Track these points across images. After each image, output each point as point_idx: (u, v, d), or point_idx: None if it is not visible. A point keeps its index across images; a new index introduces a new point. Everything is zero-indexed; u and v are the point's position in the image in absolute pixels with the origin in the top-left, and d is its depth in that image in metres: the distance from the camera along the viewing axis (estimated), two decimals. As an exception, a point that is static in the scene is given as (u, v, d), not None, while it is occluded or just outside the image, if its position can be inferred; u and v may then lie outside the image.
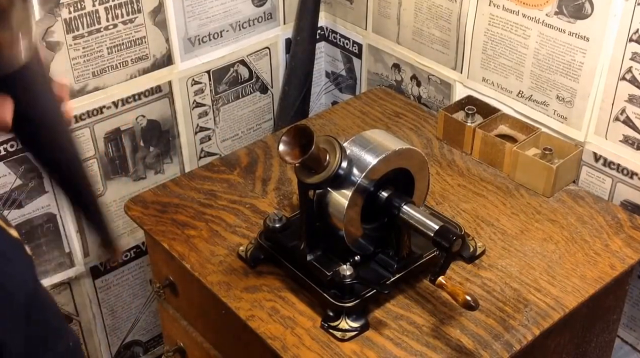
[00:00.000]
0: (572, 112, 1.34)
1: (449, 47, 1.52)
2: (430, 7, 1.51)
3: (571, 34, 1.28)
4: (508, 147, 1.36)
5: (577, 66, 1.29)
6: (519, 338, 1.06)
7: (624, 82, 1.24)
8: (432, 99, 1.61)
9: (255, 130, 1.79)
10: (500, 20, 1.39)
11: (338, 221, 1.07)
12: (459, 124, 1.43)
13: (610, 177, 1.33)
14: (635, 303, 1.38)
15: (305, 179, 1.06)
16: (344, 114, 1.58)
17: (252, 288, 1.15)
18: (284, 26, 1.72)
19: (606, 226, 1.26)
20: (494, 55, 1.43)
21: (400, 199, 1.08)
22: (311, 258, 1.12)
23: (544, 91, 1.37)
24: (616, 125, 1.28)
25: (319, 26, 1.76)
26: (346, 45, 1.77)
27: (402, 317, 1.10)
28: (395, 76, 1.67)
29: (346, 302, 1.07)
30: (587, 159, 1.35)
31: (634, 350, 1.42)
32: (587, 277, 1.16)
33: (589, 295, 1.13)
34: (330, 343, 1.06)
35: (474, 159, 1.43)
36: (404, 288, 1.14)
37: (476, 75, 1.48)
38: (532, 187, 1.34)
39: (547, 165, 1.30)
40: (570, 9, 1.27)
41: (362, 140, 1.09)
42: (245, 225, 1.28)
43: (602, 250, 1.21)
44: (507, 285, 1.15)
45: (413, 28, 1.57)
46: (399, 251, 1.12)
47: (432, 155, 1.44)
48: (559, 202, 1.31)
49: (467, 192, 1.34)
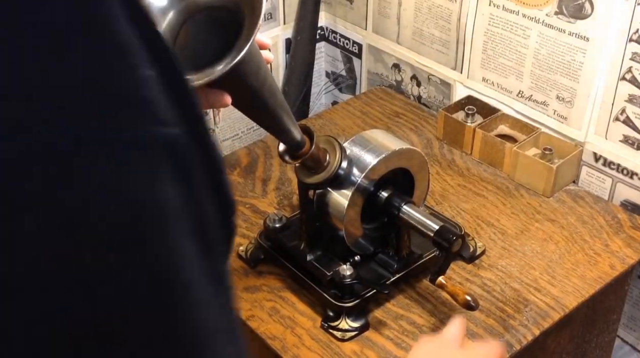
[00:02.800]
0: (572, 112, 1.34)
1: (449, 47, 1.52)
2: (430, 7, 1.51)
3: (571, 34, 1.28)
4: (508, 147, 1.36)
5: (577, 66, 1.29)
6: (519, 338, 1.06)
7: (624, 82, 1.24)
8: (432, 99, 1.61)
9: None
10: (500, 20, 1.39)
11: (338, 221, 1.07)
12: (459, 124, 1.43)
13: (610, 177, 1.33)
14: (635, 303, 1.38)
15: (305, 179, 1.06)
16: (344, 114, 1.58)
17: (252, 288, 1.15)
18: (284, 26, 1.72)
19: (606, 226, 1.26)
20: (494, 55, 1.43)
21: (400, 199, 1.08)
22: (311, 258, 1.12)
23: (544, 91, 1.37)
24: (616, 125, 1.28)
25: (319, 26, 1.76)
26: (346, 45, 1.77)
27: (402, 317, 1.10)
28: (395, 76, 1.67)
29: (346, 302, 1.07)
30: (587, 159, 1.35)
31: (634, 350, 1.42)
32: (587, 277, 1.16)
33: (589, 295, 1.13)
34: (330, 343, 1.06)
35: (474, 158, 1.43)
36: (404, 288, 1.14)
37: (476, 75, 1.48)
38: (532, 187, 1.34)
39: (547, 165, 1.30)
40: (570, 9, 1.27)
41: (362, 140, 1.09)
42: (245, 225, 1.28)
43: (602, 250, 1.21)
44: (507, 285, 1.15)
45: (413, 28, 1.57)
46: (399, 251, 1.12)
47: (432, 155, 1.44)
48: (559, 202, 1.31)
49: (467, 192, 1.34)
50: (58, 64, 0.31)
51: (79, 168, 0.31)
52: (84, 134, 0.31)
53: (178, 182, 0.34)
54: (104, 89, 0.32)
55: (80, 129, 0.31)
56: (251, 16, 0.72)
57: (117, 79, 0.32)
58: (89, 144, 0.31)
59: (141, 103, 0.33)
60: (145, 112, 0.33)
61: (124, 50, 0.33)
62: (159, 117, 0.33)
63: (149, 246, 0.33)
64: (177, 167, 0.34)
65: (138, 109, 0.32)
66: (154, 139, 0.33)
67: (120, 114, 0.32)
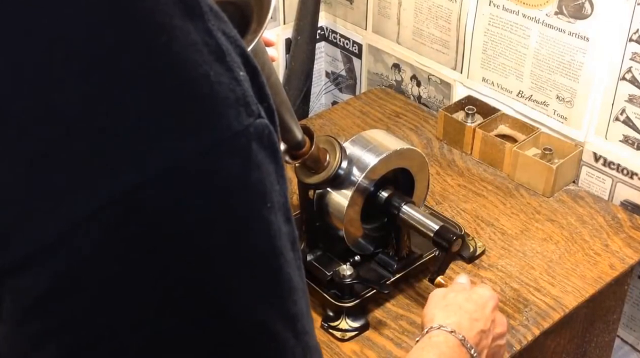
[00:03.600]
0: (572, 112, 1.34)
1: (449, 47, 1.52)
2: (430, 7, 1.51)
3: (571, 34, 1.28)
4: (508, 147, 1.36)
5: (577, 66, 1.29)
6: (519, 338, 1.06)
7: (624, 82, 1.24)
8: (432, 99, 1.61)
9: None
10: (500, 20, 1.39)
11: (338, 221, 1.07)
12: (459, 124, 1.43)
13: (610, 177, 1.33)
14: (635, 303, 1.38)
15: (305, 179, 1.06)
16: (344, 114, 1.58)
17: (252, 288, 1.15)
18: (284, 26, 1.72)
19: (606, 226, 1.26)
20: (494, 55, 1.43)
21: (401, 199, 1.08)
22: (311, 258, 1.12)
23: (544, 91, 1.37)
24: (616, 125, 1.28)
25: (319, 26, 1.76)
26: (346, 45, 1.77)
27: (402, 317, 1.10)
28: (395, 76, 1.67)
29: (346, 302, 1.07)
30: (587, 159, 1.35)
31: (634, 350, 1.42)
32: (587, 277, 1.16)
33: (589, 295, 1.13)
34: (330, 343, 1.06)
35: (474, 159, 1.43)
36: (404, 288, 1.14)
37: (476, 75, 1.48)
38: (532, 187, 1.34)
39: (547, 165, 1.30)
40: (570, 9, 1.27)
41: (362, 140, 1.09)
42: (245, 225, 1.27)
43: (602, 250, 1.21)
44: (507, 285, 1.15)
45: (413, 28, 1.57)
46: (399, 251, 1.12)
47: (432, 155, 1.44)
48: (559, 202, 1.31)
49: (467, 192, 1.34)
50: (193, 76, 0.38)
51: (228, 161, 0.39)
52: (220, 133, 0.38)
53: (274, 164, 0.42)
54: (223, 93, 0.39)
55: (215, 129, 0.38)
56: (259, 12, 0.72)
57: (229, 83, 0.39)
58: (227, 142, 0.38)
59: (246, 101, 0.40)
60: (251, 108, 0.40)
61: (228, 60, 0.39)
62: (258, 111, 0.40)
63: (265, 217, 0.41)
64: (272, 151, 0.41)
65: (247, 106, 0.39)
66: (261, 129, 0.40)
67: (240, 111, 0.39)
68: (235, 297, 0.40)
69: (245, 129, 0.39)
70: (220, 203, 0.38)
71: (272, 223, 0.41)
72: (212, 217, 0.38)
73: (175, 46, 0.37)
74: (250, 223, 0.40)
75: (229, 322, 0.40)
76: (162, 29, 0.37)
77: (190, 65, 0.38)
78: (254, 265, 0.41)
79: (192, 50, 0.38)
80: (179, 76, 0.37)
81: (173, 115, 0.37)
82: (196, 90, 0.38)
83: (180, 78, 0.37)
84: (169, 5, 0.38)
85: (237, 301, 0.40)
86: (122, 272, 0.37)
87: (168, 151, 0.36)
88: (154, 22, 0.37)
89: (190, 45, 0.38)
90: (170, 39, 0.37)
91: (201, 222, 0.38)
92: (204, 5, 0.39)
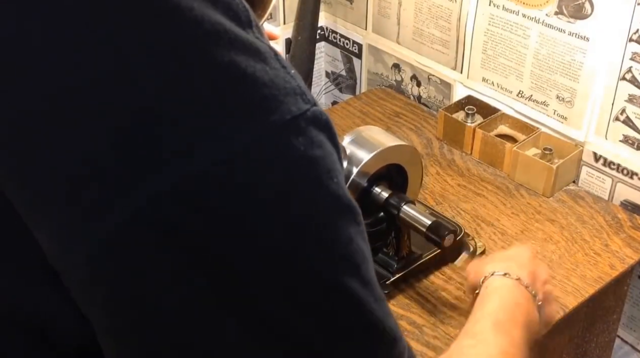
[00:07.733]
0: (572, 112, 1.34)
1: (449, 47, 1.52)
2: (430, 7, 1.51)
3: (571, 34, 1.28)
4: (508, 147, 1.36)
5: (577, 66, 1.29)
6: (518, 338, 1.06)
7: (624, 82, 1.24)
8: (432, 99, 1.61)
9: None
10: (500, 20, 1.39)
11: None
12: (459, 124, 1.43)
13: (610, 177, 1.32)
14: (635, 303, 1.38)
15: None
16: (344, 114, 1.58)
17: (252, 288, 1.15)
18: (284, 26, 1.72)
19: (606, 226, 1.26)
20: (494, 55, 1.43)
21: (400, 199, 1.08)
22: (311, 258, 1.12)
23: (544, 91, 1.37)
24: (616, 125, 1.28)
25: (319, 26, 1.76)
26: (346, 45, 1.77)
27: (402, 317, 1.10)
28: (395, 76, 1.67)
29: (346, 302, 1.07)
30: (587, 159, 1.35)
31: (634, 350, 1.42)
32: (587, 277, 1.16)
33: (589, 295, 1.13)
34: (330, 343, 1.06)
35: (474, 158, 1.43)
36: (404, 288, 1.14)
37: (476, 75, 1.48)
38: (532, 187, 1.34)
39: (547, 165, 1.30)
40: (570, 9, 1.27)
41: (356, 136, 1.09)
42: (245, 225, 1.27)
43: (602, 250, 1.21)
44: (507, 285, 1.15)
45: (413, 28, 1.57)
46: (399, 251, 1.12)
47: (432, 155, 1.44)
48: (559, 202, 1.31)
49: (467, 192, 1.34)
50: (257, 69, 0.45)
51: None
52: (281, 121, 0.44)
53: (334, 147, 0.47)
54: (282, 85, 0.45)
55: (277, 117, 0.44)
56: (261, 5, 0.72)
57: (284, 76, 0.45)
58: (288, 129, 0.44)
59: (302, 91, 0.46)
60: (307, 97, 0.46)
61: (280, 59, 0.46)
62: (313, 100, 0.47)
63: (334, 190, 0.46)
64: (331, 135, 0.47)
65: (303, 95, 0.46)
66: (318, 114, 0.46)
67: (297, 99, 0.45)
68: (324, 263, 0.45)
69: (304, 113, 0.45)
70: (294, 175, 0.44)
71: (341, 196, 0.46)
72: (287, 188, 0.44)
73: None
74: (322, 194, 0.45)
75: (322, 285, 0.45)
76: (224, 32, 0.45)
77: (252, 61, 0.44)
78: (330, 236, 0.46)
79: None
80: (246, 69, 0.44)
81: (245, 100, 0.43)
82: (261, 80, 0.44)
83: (247, 71, 0.44)
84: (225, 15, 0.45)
85: (327, 267, 0.45)
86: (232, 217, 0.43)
87: (247, 129, 0.43)
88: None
89: None
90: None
91: (280, 192, 0.43)
92: (252, 16, 0.47)
